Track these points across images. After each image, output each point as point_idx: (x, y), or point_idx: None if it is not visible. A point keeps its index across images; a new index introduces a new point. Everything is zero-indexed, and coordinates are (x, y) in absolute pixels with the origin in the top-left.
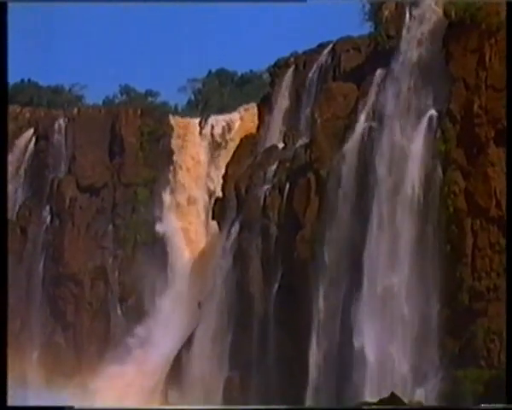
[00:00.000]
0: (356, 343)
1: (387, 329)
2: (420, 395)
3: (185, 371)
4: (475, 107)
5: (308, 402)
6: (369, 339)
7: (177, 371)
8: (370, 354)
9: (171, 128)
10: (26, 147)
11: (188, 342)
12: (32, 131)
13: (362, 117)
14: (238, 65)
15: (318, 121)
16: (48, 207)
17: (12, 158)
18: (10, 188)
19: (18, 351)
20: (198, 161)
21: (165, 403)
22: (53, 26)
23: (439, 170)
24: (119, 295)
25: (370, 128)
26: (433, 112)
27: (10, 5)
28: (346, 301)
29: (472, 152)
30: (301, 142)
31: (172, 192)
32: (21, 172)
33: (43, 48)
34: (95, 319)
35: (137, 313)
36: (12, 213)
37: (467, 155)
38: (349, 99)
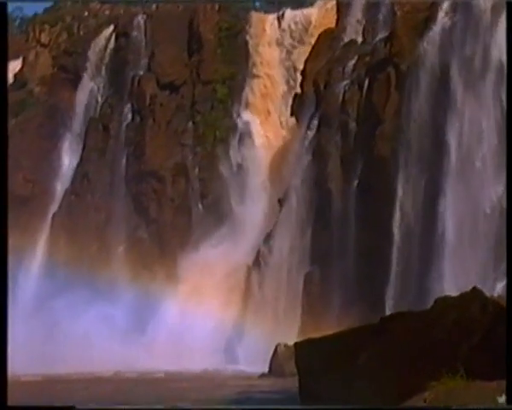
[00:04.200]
0: (438, 232)
1: (469, 221)
2: (501, 290)
3: (267, 265)
4: None
5: (387, 299)
6: (450, 231)
7: (259, 265)
8: (451, 246)
9: (249, 24)
10: (107, 44)
11: (268, 238)
12: (111, 28)
13: (443, 9)
14: None
15: (398, 14)
16: (129, 105)
17: (93, 55)
18: (92, 85)
19: (104, 244)
20: (276, 56)
21: (247, 296)
22: None
23: None
24: (199, 192)
25: (452, 20)
26: None
27: None
28: (426, 193)
29: None
30: (381, 36)
31: (250, 88)
32: (102, 69)
33: None
34: (177, 215)
35: (218, 208)
36: (95, 110)
37: None
38: None
